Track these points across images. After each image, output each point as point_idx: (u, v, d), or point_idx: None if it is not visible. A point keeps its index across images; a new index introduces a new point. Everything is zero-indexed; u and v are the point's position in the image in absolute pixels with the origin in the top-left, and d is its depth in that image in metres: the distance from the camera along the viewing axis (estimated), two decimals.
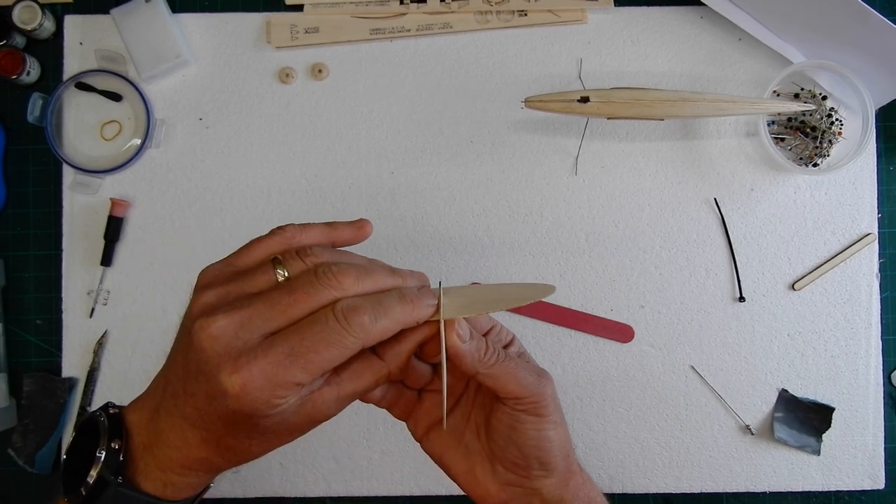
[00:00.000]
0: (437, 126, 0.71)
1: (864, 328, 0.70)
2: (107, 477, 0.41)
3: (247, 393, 0.37)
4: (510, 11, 0.71)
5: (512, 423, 0.46)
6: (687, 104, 0.64)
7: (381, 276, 0.42)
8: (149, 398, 0.43)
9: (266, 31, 0.71)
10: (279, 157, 0.71)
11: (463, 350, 0.43)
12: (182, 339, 0.41)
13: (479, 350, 0.44)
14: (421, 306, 0.41)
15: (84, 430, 0.43)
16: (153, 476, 0.42)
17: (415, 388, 0.49)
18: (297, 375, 0.38)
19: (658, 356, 0.70)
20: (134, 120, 0.71)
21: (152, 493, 0.42)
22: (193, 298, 0.42)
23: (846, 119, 0.69)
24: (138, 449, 0.42)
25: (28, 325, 0.71)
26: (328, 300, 0.39)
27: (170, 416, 0.41)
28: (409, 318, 0.41)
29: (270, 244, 0.43)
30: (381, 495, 0.70)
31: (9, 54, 0.69)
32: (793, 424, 0.70)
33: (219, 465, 0.43)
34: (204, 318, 0.39)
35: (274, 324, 0.38)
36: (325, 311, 0.38)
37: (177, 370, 0.41)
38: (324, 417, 0.42)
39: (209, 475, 0.44)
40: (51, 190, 0.71)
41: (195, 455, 0.41)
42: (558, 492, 0.47)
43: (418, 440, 0.50)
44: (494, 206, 0.71)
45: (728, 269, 0.71)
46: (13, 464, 0.69)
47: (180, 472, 0.42)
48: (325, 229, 0.45)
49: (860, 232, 0.71)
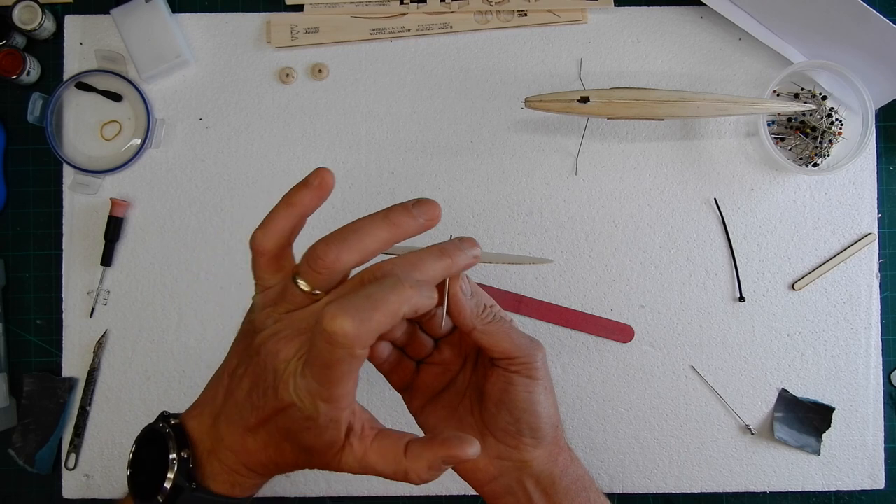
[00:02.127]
0: (437, 126, 0.71)
1: (864, 328, 0.70)
2: (181, 483, 0.42)
3: (317, 410, 0.39)
4: (510, 11, 0.71)
5: (504, 386, 0.47)
6: (687, 104, 0.64)
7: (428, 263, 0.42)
8: (207, 405, 0.45)
9: (266, 31, 0.71)
10: (279, 157, 0.71)
11: (463, 302, 0.44)
12: (248, 355, 0.42)
13: (479, 307, 0.45)
14: (460, 256, 0.42)
15: (147, 441, 0.45)
16: (221, 478, 0.44)
17: (415, 357, 0.50)
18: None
19: (658, 356, 0.70)
20: (134, 120, 0.71)
21: (223, 493, 0.44)
22: (259, 317, 0.43)
23: (846, 119, 0.69)
24: (203, 454, 0.44)
25: (28, 325, 0.71)
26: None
27: (231, 425, 0.43)
28: (450, 269, 0.41)
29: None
30: (381, 495, 0.70)
31: (9, 54, 0.69)
32: (793, 424, 0.70)
33: (282, 466, 0.44)
34: (273, 342, 0.40)
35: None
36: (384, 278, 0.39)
37: (242, 384, 0.42)
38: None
39: (274, 473, 0.46)
40: (51, 190, 0.71)
41: (258, 459, 0.43)
42: (547, 466, 0.48)
43: (413, 413, 0.51)
44: (494, 206, 0.71)
45: (728, 269, 0.71)
46: (13, 464, 0.69)
47: (246, 473, 0.44)
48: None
49: (860, 232, 0.71)
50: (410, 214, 0.41)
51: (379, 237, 0.41)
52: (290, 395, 0.39)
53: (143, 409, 0.70)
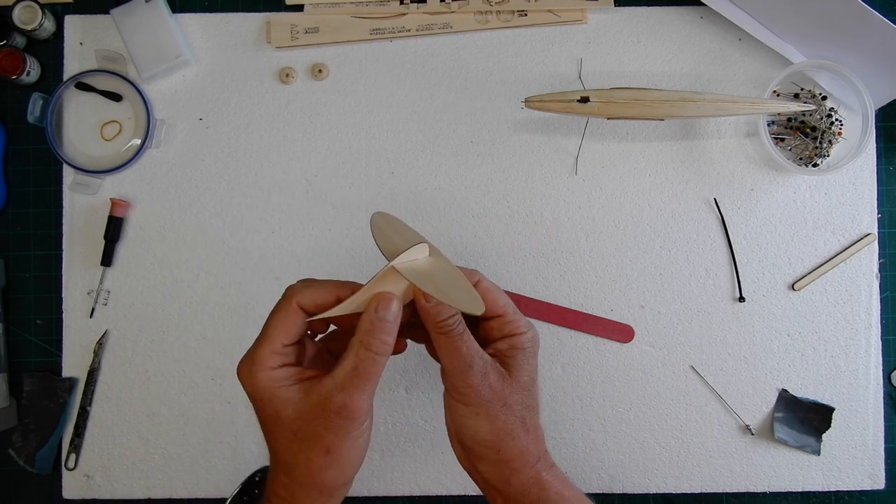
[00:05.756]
0: (437, 126, 0.71)
1: (864, 328, 0.70)
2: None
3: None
4: (510, 11, 0.71)
5: (447, 400, 0.52)
6: (687, 104, 0.64)
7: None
8: None
9: (266, 31, 0.71)
10: (279, 157, 0.71)
11: (426, 309, 0.49)
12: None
13: (438, 315, 0.48)
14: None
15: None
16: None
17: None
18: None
19: (658, 356, 0.70)
20: (134, 120, 0.71)
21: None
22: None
23: (846, 119, 0.69)
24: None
25: (28, 325, 0.71)
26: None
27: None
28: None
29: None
30: (381, 495, 0.70)
31: (9, 54, 0.69)
32: (793, 424, 0.70)
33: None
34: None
35: None
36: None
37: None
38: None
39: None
40: (51, 190, 0.71)
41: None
42: (499, 484, 0.52)
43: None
44: (494, 206, 0.71)
45: (728, 269, 0.71)
46: (13, 464, 0.69)
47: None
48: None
49: (860, 232, 0.71)
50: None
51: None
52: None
53: (143, 409, 0.70)
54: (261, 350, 0.48)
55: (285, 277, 0.70)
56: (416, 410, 0.70)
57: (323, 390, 0.47)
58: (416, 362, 0.70)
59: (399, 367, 0.70)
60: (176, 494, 0.70)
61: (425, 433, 0.70)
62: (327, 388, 0.47)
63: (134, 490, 0.70)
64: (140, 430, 0.70)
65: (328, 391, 0.47)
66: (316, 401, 0.47)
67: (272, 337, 0.48)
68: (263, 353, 0.48)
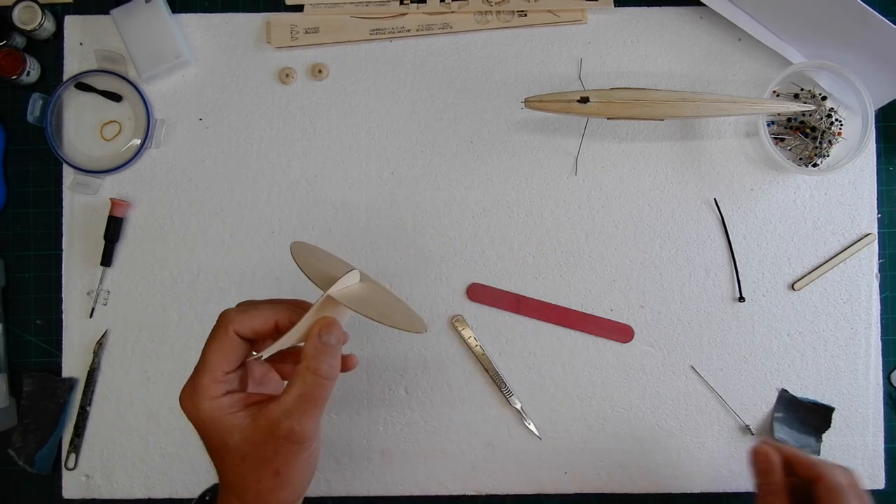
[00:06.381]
0: (437, 126, 0.71)
1: (864, 328, 0.70)
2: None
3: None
4: (510, 11, 0.71)
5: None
6: (687, 104, 0.64)
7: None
8: None
9: (266, 32, 0.71)
10: (279, 157, 0.71)
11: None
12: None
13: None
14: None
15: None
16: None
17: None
18: None
19: (658, 356, 0.70)
20: (134, 120, 0.71)
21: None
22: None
23: (846, 119, 0.69)
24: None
25: (28, 325, 0.71)
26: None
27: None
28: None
29: None
30: (380, 495, 0.70)
31: (9, 54, 0.69)
32: (793, 424, 0.70)
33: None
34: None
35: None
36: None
37: None
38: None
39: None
40: (51, 190, 0.71)
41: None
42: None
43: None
44: (494, 206, 0.71)
45: (728, 269, 0.71)
46: (13, 464, 0.69)
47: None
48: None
49: (860, 232, 0.71)
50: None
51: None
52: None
53: (143, 409, 0.70)
54: (201, 379, 0.48)
55: (285, 277, 0.70)
56: (416, 410, 0.70)
57: (271, 416, 0.47)
58: (416, 363, 0.70)
59: (399, 368, 0.70)
60: (176, 494, 0.70)
61: (425, 433, 0.70)
62: (275, 413, 0.47)
63: (134, 490, 0.70)
64: (140, 430, 0.70)
65: (276, 417, 0.47)
66: (264, 426, 0.47)
67: (212, 366, 0.49)
68: (204, 383, 0.48)
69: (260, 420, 0.48)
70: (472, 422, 0.70)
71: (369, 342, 0.70)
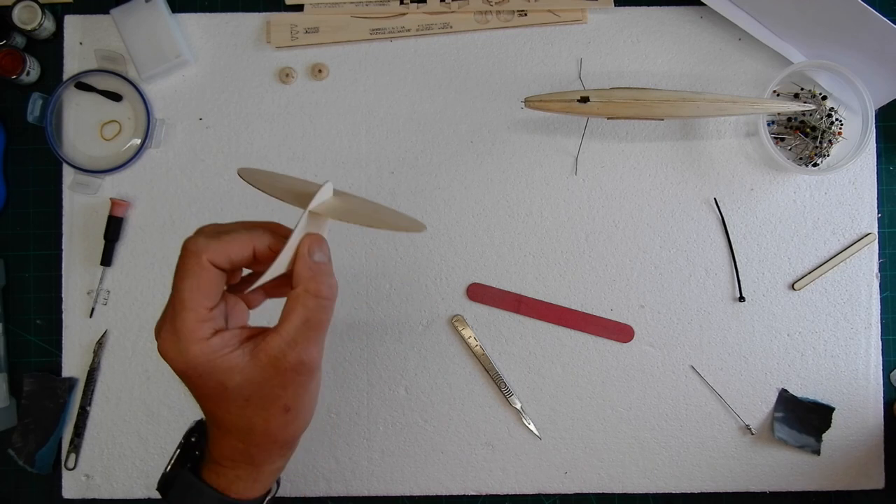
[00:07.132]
0: (437, 126, 0.71)
1: (864, 328, 0.70)
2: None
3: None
4: (510, 11, 0.71)
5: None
6: (687, 104, 0.64)
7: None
8: None
9: (266, 31, 0.71)
10: (279, 157, 0.71)
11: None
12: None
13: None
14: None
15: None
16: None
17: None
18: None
19: (658, 356, 0.70)
20: (134, 120, 0.71)
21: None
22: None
23: (846, 119, 0.69)
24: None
25: (28, 325, 0.71)
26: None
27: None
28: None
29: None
30: (380, 495, 0.70)
31: (9, 54, 0.69)
32: (793, 424, 0.70)
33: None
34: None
35: None
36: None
37: None
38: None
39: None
40: (51, 190, 0.71)
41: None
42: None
43: None
44: (494, 206, 0.71)
45: (728, 269, 0.71)
46: (13, 464, 0.69)
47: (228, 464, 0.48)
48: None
49: (860, 232, 0.71)
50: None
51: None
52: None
53: (143, 409, 0.70)
54: (184, 321, 0.43)
55: None
56: (416, 410, 0.70)
57: (272, 349, 0.43)
58: (416, 362, 0.70)
59: (399, 367, 0.70)
60: None
61: (425, 433, 0.70)
62: (277, 346, 0.43)
63: (134, 490, 0.70)
64: (140, 430, 0.70)
65: (279, 350, 0.43)
66: (266, 361, 0.43)
67: (192, 304, 0.43)
68: (189, 325, 0.43)
69: (260, 356, 0.43)
70: (472, 422, 0.70)
71: (369, 342, 0.70)
